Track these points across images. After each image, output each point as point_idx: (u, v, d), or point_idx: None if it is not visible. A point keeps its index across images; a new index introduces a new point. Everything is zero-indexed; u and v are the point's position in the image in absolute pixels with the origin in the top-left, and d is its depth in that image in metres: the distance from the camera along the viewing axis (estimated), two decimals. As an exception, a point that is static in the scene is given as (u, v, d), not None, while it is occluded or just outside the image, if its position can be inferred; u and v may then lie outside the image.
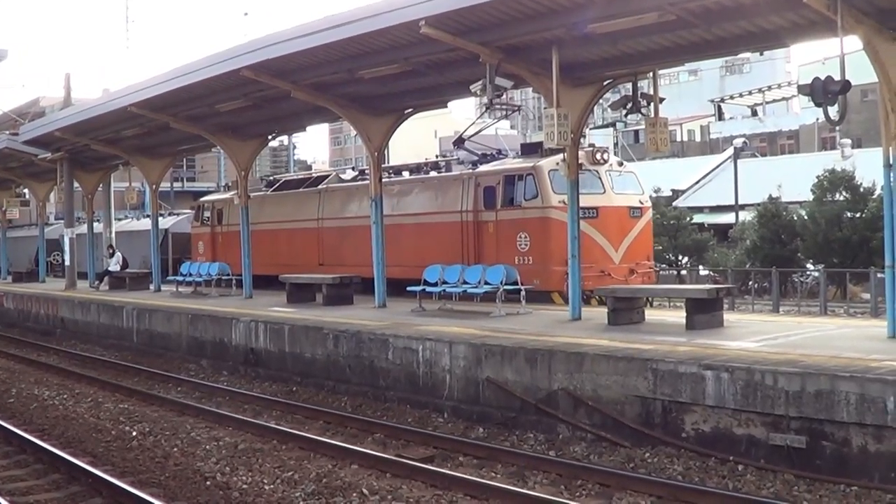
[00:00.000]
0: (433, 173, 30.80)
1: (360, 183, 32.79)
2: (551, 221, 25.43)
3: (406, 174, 32.15)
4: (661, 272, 37.06)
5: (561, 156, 24.80)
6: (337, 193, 33.97)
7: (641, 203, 27.51)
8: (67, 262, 42.95)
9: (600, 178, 26.63)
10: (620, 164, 28.25)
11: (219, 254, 39.17)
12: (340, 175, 36.35)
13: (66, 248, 42.93)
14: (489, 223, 27.29)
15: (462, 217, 28.03)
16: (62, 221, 46.13)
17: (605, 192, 26.52)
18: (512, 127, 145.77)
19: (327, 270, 31.01)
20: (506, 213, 26.88)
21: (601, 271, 25.45)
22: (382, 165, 32.84)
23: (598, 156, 26.93)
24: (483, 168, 28.55)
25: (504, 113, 36.16)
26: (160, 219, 49.04)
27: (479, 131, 31.66)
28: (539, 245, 25.78)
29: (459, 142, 31.01)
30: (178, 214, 52.78)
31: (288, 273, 30.46)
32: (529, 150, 28.81)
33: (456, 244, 27.77)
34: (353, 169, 36.52)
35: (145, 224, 50.37)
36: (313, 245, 33.82)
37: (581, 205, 23.15)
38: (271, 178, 42.77)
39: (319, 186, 34.88)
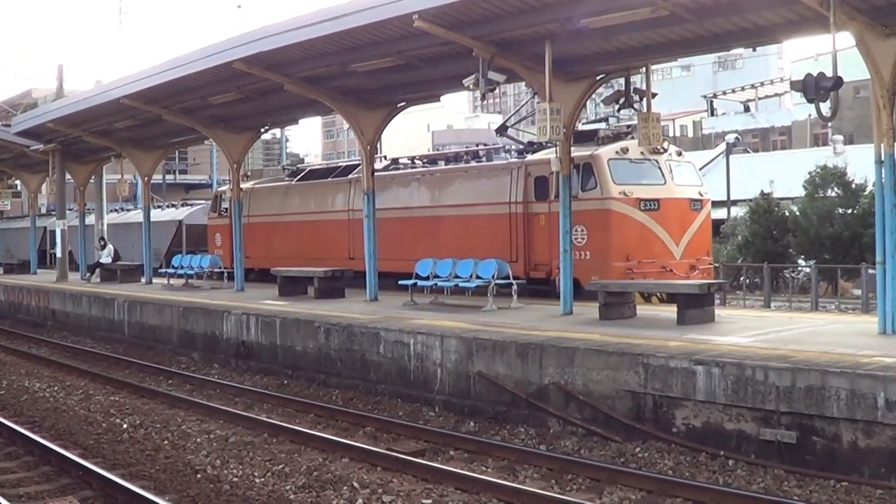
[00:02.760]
0: (473, 162, 29.19)
1: (394, 173, 31.47)
2: (612, 214, 24.17)
3: (442, 163, 30.84)
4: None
5: (621, 144, 24.69)
6: None
7: (701, 195, 25.99)
8: (59, 254, 42.90)
9: (660, 168, 25.22)
10: (679, 153, 26.75)
11: None
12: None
13: (58, 239, 42.87)
14: (540, 215, 25.69)
15: (510, 209, 26.47)
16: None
17: (665, 182, 25.10)
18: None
19: (359, 265, 28.90)
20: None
21: (662, 267, 24.29)
22: (415, 155, 32.63)
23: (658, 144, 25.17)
24: (534, 157, 26.79)
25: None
26: (172, 210, 49.01)
27: (525, 118, 30.47)
28: (598, 239, 24.28)
29: (503, 129, 29.71)
30: (191, 205, 50.68)
31: (312, 266, 29.83)
32: (583, 137, 26.52)
33: (502, 237, 26.33)
34: (384, 158, 34.70)
35: (154, 215, 49.96)
36: (343, 238, 31.81)
37: (641, 196, 23.34)
38: (295, 167, 41.00)
39: (350, 176, 32.72)
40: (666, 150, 25.58)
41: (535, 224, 25.85)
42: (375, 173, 30.32)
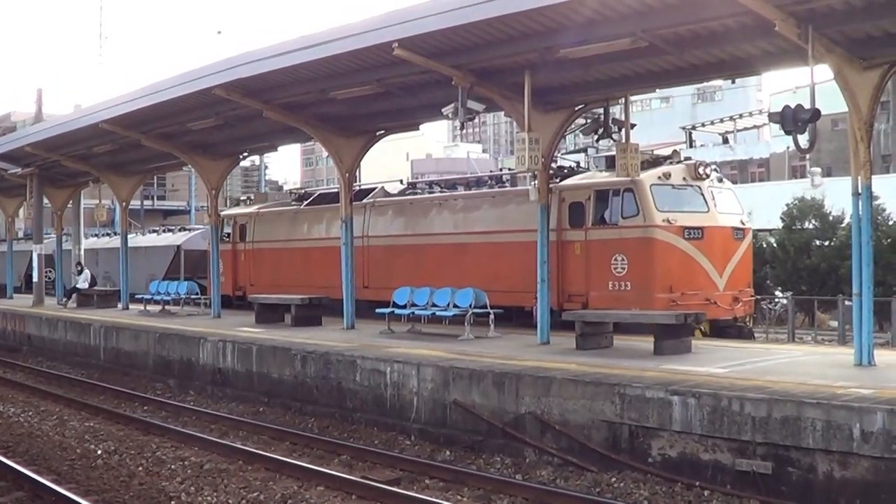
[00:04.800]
0: (498, 187, 28.11)
1: (413, 197, 30.45)
2: (655, 242, 23.03)
3: (461, 189, 29.54)
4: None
5: (662, 169, 23.99)
6: (386, 208, 30.76)
7: (743, 224, 24.89)
8: (35, 279, 42.73)
9: (703, 195, 24.14)
10: (720, 179, 25.43)
11: (241, 273, 36.53)
12: (386, 188, 32.63)
13: (35, 264, 42.70)
14: (575, 243, 24.48)
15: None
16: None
17: (708, 210, 23.98)
18: (484, 151, 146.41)
19: (374, 294, 28.51)
20: (598, 232, 24.08)
21: (706, 299, 23.14)
22: (433, 180, 31.96)
23: (701, 170, 24.38)
24: (569, 181, 25.51)
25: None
26: (170, 234, 48.59)
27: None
28: (640, 269, 23.14)
29: None
30: (189, 230, 49.30)
31: (324, 294, 28.66)
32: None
33: (533, 265, 23.52)
34: (401, 182, 33.63)
35: (150, 240, 49.62)
36: (358, 264, 29.04)
37: (685, 224, 22.72)
38: (303, 190, 39.50)
39: (365, 200, 31.19)
40: (708, 176, 24.58)
41: (569, 253, 24.63)
42: (394, 198, 30.47)
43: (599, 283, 23.72)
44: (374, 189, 32.50)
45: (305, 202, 35.05)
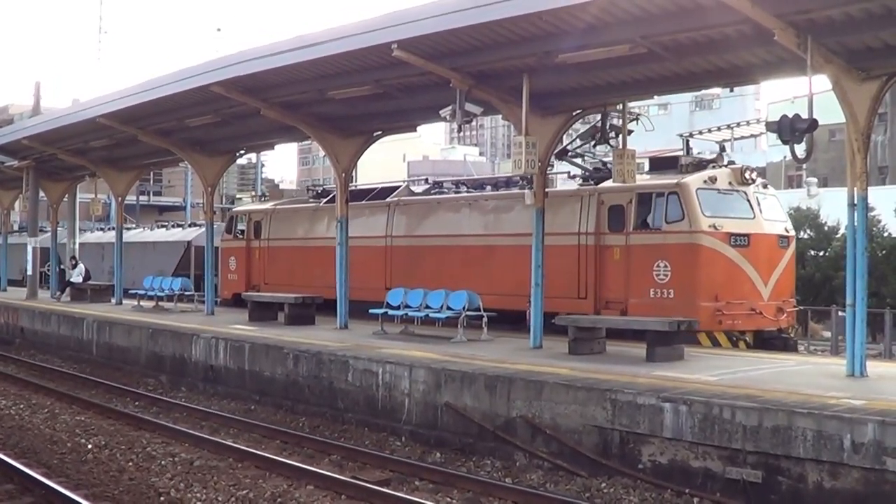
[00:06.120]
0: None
1: (440, 197, 29.77)
2: (701, 249, 22.36)
3: (489, 188, 28.90)
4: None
5: (708, 172, 23.52)
6: (411, 208, 29.99)
7: (787, 231, 24.36)
8: (29, 272, 42.70)
9: (748, 201, 23.46)
10: (765, 185, 24.80)
11: (255, 271, 35.59)
12: (411, 187, 32.45)
13: (29, 257, 42.67)
14: (615, 248, 23.77)
15: (579, 240, 24.40)
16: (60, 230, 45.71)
17: (754, 217, 23.29)
18: (481, 153, 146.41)
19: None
20: (640, 237, 23.41)
21: (751, 309, 22.63)
22: (459, 179, 31.49)
23: (747, 174, 23.75)
24: (608, 184, 24.47)
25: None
26: (179, 230, 48.36)
27: (584, 144, 27.06)
28: (684, 276, 22.43)
29: (563, 153, 26.30)
30: (200, 226, 47.64)
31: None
32: (663, 164, 25.41)
33: (568, 272, 24.13)
34: (426, 181, 33.08)
35: (159, 235, 49.37)
36: (379, 266, 29.59)
37: (732, 230, 22.38)
38: (321, 188, 37.95)
39: (388, 199, 30.77)
40: (754, 181, 23.92)
41: (608, 258, 23.94)
42: (419, 196, 30.00)
43: (640, 291, 23.07)
44: (397, 187, 31.88)
45: (325, 199, 34.02)
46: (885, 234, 37.43)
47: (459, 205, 28.68)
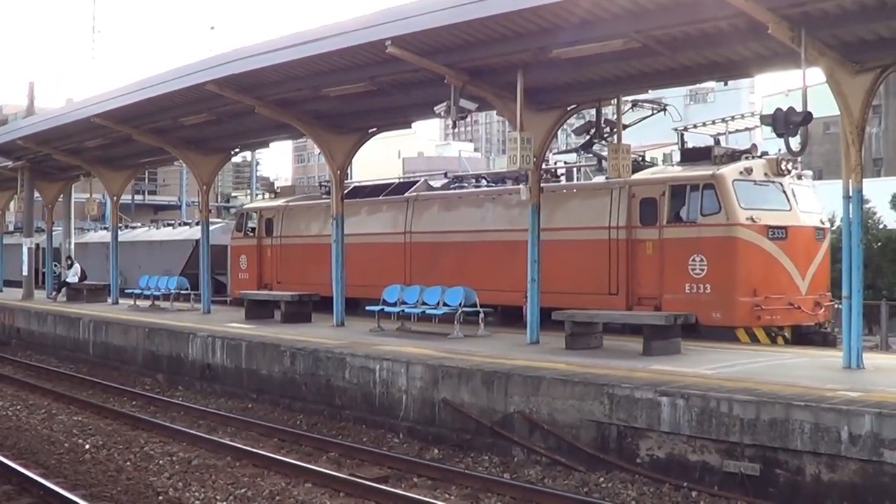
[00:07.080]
0: (553, 181, 26.52)
1: (462, 191, 29.31)
2: (738, 242, 21.71)
3: (510, 183, 27.72)
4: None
5: (744, 163, 22.96)
6: (430, 203, 29.38)
7: (823, 223, 23.86)
8: (25, 272, 42.65)
9: (784, 192, 22.86)
10: (800, 176, 23.93)
11: (267, 270, 34.90)
12: (430, 182, 31.69)
13: (25, 257, 42.63)
14: (647, 242, 23.16)
15: (610, 234, 23.81)
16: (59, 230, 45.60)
17: (791, 209, 22.70)
18: (476, 150, 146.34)
19: None
20: (673, 230, 22.76)
21: (790, 304, 22.04)
22: (479, 174, 31.16)
23: (783, 165, 23.03)
24: (639, 176, 24.09)
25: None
26: (187, 228, 47.99)
27: (613, 133, 26.64)
28: (721, 270, 21.75)
29: (588, 145, 25.02)
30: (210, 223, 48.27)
31: (361, 294, 27.95)
32: (695, 155, 24.61)
33: (599, 267, 23.74)
34: (444, 175, 32.55)
35: (166, 234, 49.01)
36: (398, 262, 29.02)
37: (769, 223, 21.85)
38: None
39: (406, 194, 30.14)
40: (790, 172, 23.29)
41: (640, 252, 23.31)
42: (439, 191, 29.70)
43: (675, 286, 22.44)
44: (415, 182, 31.40)
45: None
46: (881, 227, 37.38)
47: (481, 200, 28.04)
